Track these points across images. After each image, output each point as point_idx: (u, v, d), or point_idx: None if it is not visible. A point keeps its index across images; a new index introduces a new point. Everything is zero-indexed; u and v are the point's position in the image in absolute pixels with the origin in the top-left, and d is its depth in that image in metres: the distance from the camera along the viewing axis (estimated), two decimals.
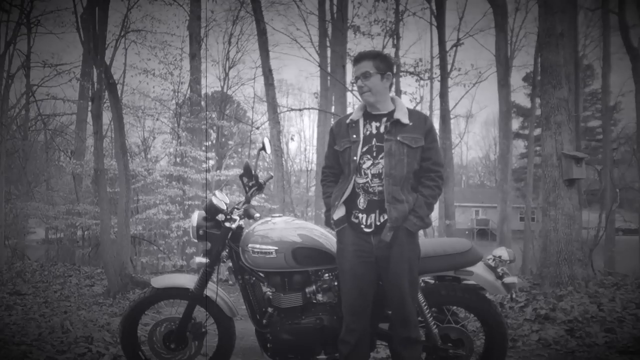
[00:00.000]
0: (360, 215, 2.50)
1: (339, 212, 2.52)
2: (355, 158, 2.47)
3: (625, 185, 17.52)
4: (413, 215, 2.44)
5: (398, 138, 2.45)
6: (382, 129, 2.50)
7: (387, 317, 2.68)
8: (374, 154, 2.48)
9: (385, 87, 2.54)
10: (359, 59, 2.53)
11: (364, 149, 2.49)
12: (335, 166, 2.64)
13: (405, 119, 2.47)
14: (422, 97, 19.28)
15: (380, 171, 2.45)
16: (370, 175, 2.47)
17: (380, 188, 2.45)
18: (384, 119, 2.52)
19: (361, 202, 2.49)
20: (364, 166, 2.48)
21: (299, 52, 62.71)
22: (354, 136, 2.51)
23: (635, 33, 13.77)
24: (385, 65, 2.51)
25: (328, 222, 2.60)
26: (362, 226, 2.49)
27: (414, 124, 2.49)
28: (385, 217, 2.45)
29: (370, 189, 2.47)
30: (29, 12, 14.20)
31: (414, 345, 2.55)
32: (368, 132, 2.51)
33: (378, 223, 2.47)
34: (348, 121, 2.56)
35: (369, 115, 2.55)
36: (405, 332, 2.53)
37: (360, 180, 2.49)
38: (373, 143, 2.49)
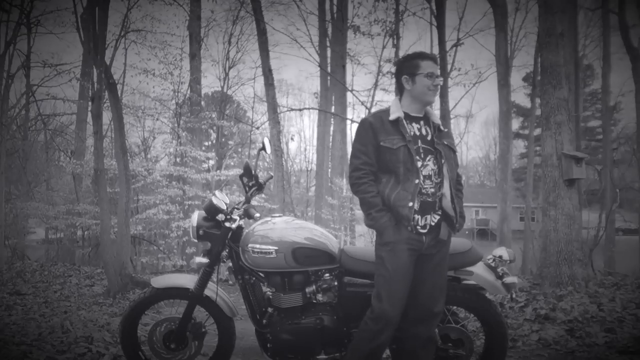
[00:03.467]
0: (415, 216, 2.44)
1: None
2: (417, 158, 2.43)
3: (625, 185, 17.52)
4: (459, 216, 2.53)
5: (445, 143, 2.52)
6: (423, 132, 2.50)
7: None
8: (422, 156, 2.46)
9: None
10: (437, 60, 2.55)
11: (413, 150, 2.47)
12: (375, 164, 2.48)
13: (442, 126, 2.54)
14: None
15: (430, 173, 2.46)
16: (422, 177, 2.45)
17: (432, 190, 2.45)
18: (422, 122, 2.53)
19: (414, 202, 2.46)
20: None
21: (299, 52, 62.63)
22: (407, 135, 2.45)
23: (635, 33, 13.74)
24: None
25: (378, 223, 2.42)
26: (419, 227, 2.44)
27: (448, 131, 2.59)
28: (437, 217, 2.47)
29: (424, 190, 2.44)
30: (29, 12, 14.18)
31: (432, 345, 2.59)
32: (412, 133, 2.48)
33: (432, 224, 2.47)
34: (392, 118, 2.46)
35: (407, 116, 2.51)
36: (428, 331, 2.54)
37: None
38: (419, 144, 2.47)
